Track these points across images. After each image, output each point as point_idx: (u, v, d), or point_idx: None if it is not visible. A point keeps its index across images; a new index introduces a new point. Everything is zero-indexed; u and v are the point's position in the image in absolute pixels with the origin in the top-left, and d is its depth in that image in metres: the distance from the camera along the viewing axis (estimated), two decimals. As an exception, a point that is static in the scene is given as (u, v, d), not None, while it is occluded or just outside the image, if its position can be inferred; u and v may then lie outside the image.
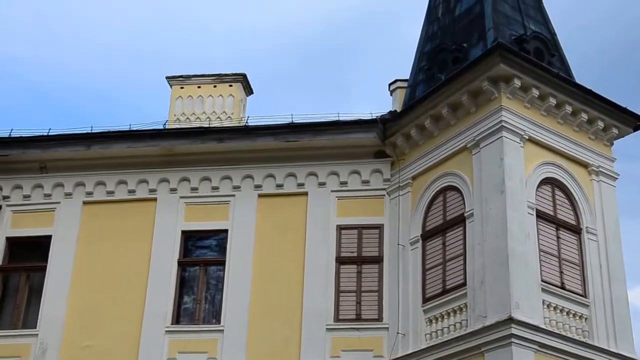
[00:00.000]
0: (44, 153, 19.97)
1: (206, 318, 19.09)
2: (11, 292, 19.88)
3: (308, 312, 18.40)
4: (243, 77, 21.77)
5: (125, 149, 19.81)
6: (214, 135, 19.67)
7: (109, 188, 19.96)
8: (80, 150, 19.88)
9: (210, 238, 19.70)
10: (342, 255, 18.96)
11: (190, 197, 19.75)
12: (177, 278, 19.22)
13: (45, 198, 20.06)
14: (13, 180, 20.17)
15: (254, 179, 19.64)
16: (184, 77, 21.79)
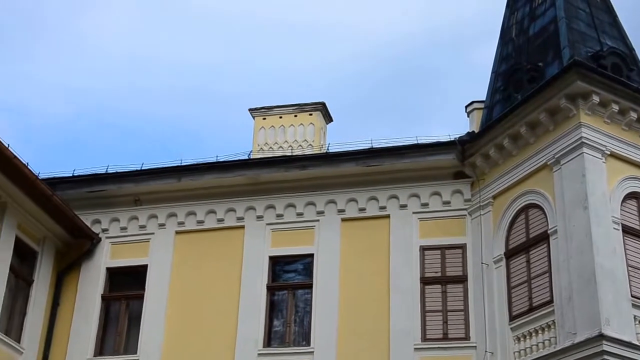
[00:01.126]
0: (138, 187, 19.07)
1: (296, 340, 17.77)
2: (112, 319, 18.94)
3: (395, 332, 16.93)
4: (322, 105, 20.61)
5: (213, 180, 18.77)
6: (296, 163, 18.48)
7: (199, 217, 18.89)
8: (171, 182, 18.93)
9: (296, 262, 18.43)
10: (426, 275, 17.36)
11: (276, 223, 18.52)
12: (267, 302, 18.01)
13: (140, 229, 19.11)
14: (110, 214, 19.28)
15: (337, 204, 18.28)
16: (266, 109, 20.77)
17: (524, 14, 17.76)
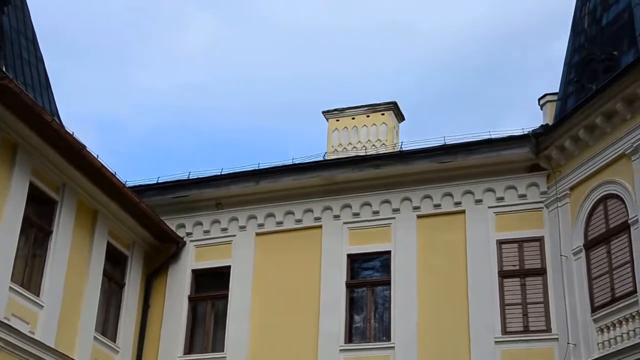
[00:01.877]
0: (219, 191, 18.48)
1: (377, 336, 16.93)
2: (199, 319, 18.42)
3: (475, 326, 15.92)
4: (394, 105, 19.69)
5: (290, 182, 18.06)
6: (371, 162, 17.61)
7: (278, 219, 18.21)
8: (250, 186, 18.29)
9: (374, 260, 17.56)
10: (504, 269, 16.29)
11: (352, 222, 17.69)
12: (346, 299, 17.20)
13: (222, 232, 18.53)
14: (194, 218, 18.75)
15: (412, 201, 17.34)
16: (339, 110, 19.98)
17: (595, 3, 16.49)
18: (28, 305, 14.72)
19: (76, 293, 16.03)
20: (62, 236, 15.79)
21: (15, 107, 14.19)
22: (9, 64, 19.38)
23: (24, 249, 15.00)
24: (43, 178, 15.44)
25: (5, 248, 14.18)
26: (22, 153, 14.82)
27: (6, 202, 14.37)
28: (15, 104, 14.14)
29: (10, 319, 14.11)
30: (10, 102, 14.07)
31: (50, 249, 15.53)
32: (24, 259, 14.99)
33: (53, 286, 15.35)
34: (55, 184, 15.80)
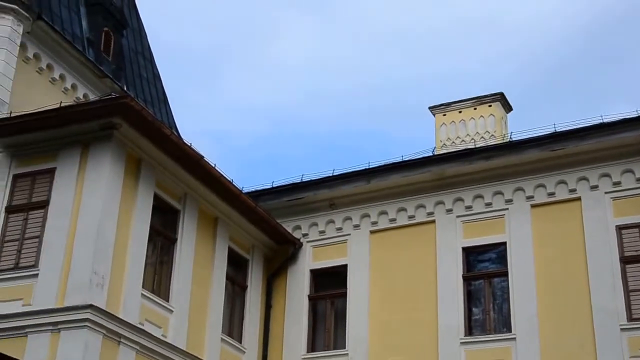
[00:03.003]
0: (332, 192, 18.74)
1: (497, 327, 16.75)
2: (320, 317, 18.72)
3: (599, 313, 15.52)
4: (501, 96, 19.44)
5: (401, 179, 18.12)
6: (480, 154, 17.45)
7: (390, 216, 18.30)
8: (361, 185, 18.47)
9: (490, 252, 17.37)
10: (625, 254, 15.81)
11: (466, 215, 17.57)
12: (464, 292, 17.11)
13: (337, 232, 18.77)
14: (309, 219, 19.06)
15: (525, 191, 17.07)
16: (445, 105, 19.89)
17: None
18: (159, 310, 15.42)
19: (202, 297, 16.66)
20: (186, 243, 16.45)
21: (137, 124, 14.91)
22: (130, 83, 20.37)
23: (152, 257, 15.72)
24: (166, 189, 16.13)
25: (136, 257, 14.92)
26: (145, 166, 15.55)
27: (134, 213, 15.10)
28: (137, 121, 14.86)
29: (144, 324, 14.83)
30: (132, 119, 14.80)
31: (176, 256, 16.20)
32: (152, 267, 15.71)
33: (181, 291, 16.00)
34: (177, 194, 16.47)
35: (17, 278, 14.19)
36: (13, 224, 14.73)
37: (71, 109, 14.86)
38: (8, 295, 14.05)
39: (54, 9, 18.26)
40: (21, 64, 16.52)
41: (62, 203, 14.56)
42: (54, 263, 14.07)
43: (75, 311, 13.56)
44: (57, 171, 14.86)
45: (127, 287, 14.57)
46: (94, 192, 14.46)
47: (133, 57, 21.12)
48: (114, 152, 14.77)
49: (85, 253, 13.98)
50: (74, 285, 13.79)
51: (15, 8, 16.27)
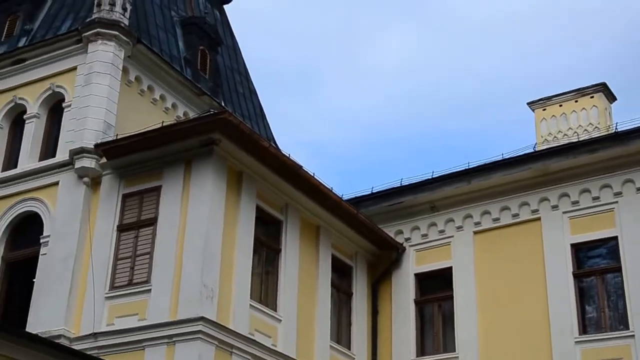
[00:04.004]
0: (432, 194, 18.51)
1: (613, 325, 16.15)
2: (427, 321, 18.51)
3: None
4: (603, 86, 18.75)
5: (502, 177, 17.73)
6: (585, 147, 16.88)
7: (494, 215, 17.92)
8: (462, 185, 18.18)
9: (600, 247, 16.79)
10: None
11: (572, 210, 17.02)
12: (575, 290, 16.55)
13: (440, 234, 18.52)
14: (410, 223, 18.87)
15: (635, 183, 16.42)
16: (544, 99, 19.36)
17: None
18: (268, 320, 15.60)
19: (309, 305, 16.74)
20: (290, 253, 16.59)
21: (236, 138, 15.17)
22: (227, 99, 20.78)
23: (257, 267, 15.93)
24: (267, 200, 16.32)
25: (242, 268, 15.16)
26: (246, 179, 15.79)
27: (238, 226, 15.35)
28: (236, 135, 15.12)
29: (254, 334, 15.04)
30: (231, 134, 15.06)
31: (281, 265, 16.36)
32: (259, 277, 15.92)
33: (287, 300, 16.14)
34: (279, 204, 16.64)
35: (132, 294, 14.65)
36: (125, 241, 15.23)
37: (173, 128, 15.27)
38: (124, 310, 14.52)
39: (151, 32, 18.82)
40: (124, 87, 17.09)
41: (169, 219, 14.95)
42: (165, 278, 14.46)
43: (188, 324, 13.88)
44: (163, 188, 15.28)
45: (235, 299, 14.81)
46: (199, 207, 14.78)
47: (229, 74, 21.52)
48: (216, 167, 15.06)
49: (194, 267, 14.30)
50: (185, 299, 14.13)
51: (116, 34, 16.86)
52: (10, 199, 16.47)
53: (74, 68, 17.07)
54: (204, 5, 22.17)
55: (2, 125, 17.55)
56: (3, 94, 17.74)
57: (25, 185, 16.43)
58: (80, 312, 14.82)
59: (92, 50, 16.82)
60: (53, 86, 17.20)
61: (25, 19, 18.76)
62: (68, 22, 18.06)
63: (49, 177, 16.23)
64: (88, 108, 16.29)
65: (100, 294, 14.77)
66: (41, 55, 17.51)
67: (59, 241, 15.46)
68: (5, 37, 18.79)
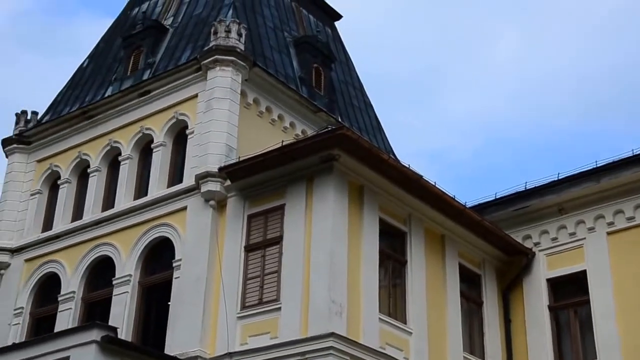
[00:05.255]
0: (559, 196, 17.78)
1: None
2: (563, 327, 17.71)
3: None
4: None
5: (633, 174, 16.82)
6: None
7: (628, 214, 17.03)
8: (591, 185, 17.39)
9: None
10: None
11: None
12: None
13: (570, 237, 17.74)
14: (538, 227, 18.18)
15: None
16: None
17: None
18: (398, 333, 15.35)
19: (439, 316, 16.39)
20: (417, 264, 16.30)
21: (355, 152, 15.07)
22: (343, 113, 20.77)
23: (384, 281, 15.73)
24: (390, 212, 16.11)
25: (369, 283, 15.01)
26: (368, 193, 15.65)
27: (363, 240, 15.23)
28: (355, 149, 15.02)
29: (385, 348, 14.83)
30: (350, 149, 14.98)
31: (408, 277, 16.10)
32: (386, 291, 15.71)
33: (417, 312, 15.85)
34: (402, 216, 16.40)
35: (263, 313, 14.77)
36: (253, 261, 15.39)
37: (293, 147, 15.34)
38: (256, 329, 14.65)
39: (266, 54, 19.07)
40: (243, 110, 17.36)
41: (294, 237, 15.01)
42: (293, 295, 14.50)
43: (319, 340, 13.84)
44: (287, 207, 15.37)
45: (364, 313, 14.66)
46: (323, 223, 14.76)
47: (344, 89, 21.51)
48: (337, 183, 15.01)
49: (321, 283, 14.27)
50: (315, 315, 14.10)
51: (233, 60, 17.17)
52: (143, 225, 17.00)
53: (195, 95, 17.50)
54: (315, 24, 22.31)
55: (131, 156, 18.18)
56: (131, 125, 18.40)
57: (156, 212, 16.93)
58: (214, 332, 15.06)
59: (211, 77, 17.19)
60: (177, 114, 17.69)
61: (148, 52, 19.43)
62: (187, 52, 18.56)
63: (178, 202, 16.65)
64: (210, 133, 16.63)
65: (232, 314, 14.97)
66: (164, 86, 18.06)
67: (190, 264, 15.81)
68: (130, 71, 19.52)
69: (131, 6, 22.26)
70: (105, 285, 17.12)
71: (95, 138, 18.89)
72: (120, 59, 20.21)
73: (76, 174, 19.07)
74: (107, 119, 18.83)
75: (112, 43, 21.22)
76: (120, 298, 16.54)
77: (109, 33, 21.98)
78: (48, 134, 19.78)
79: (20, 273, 18.48)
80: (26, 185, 19.57)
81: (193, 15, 19.89)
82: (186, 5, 20.50)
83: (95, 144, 18.84)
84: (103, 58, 21.04)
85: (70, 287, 17.52)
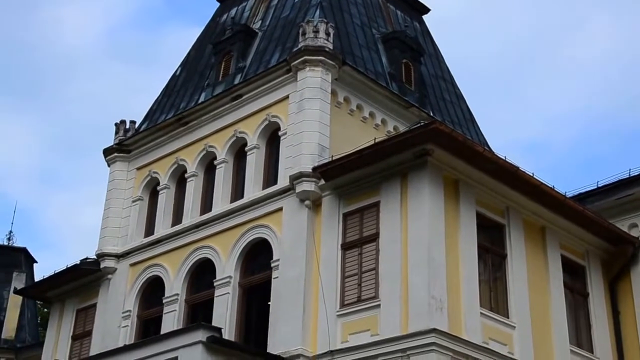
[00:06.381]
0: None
1: None
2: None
3: None
4: None
5: None
6: None
7: None
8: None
9: None
10: None
11: None
12: None
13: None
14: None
15: None
16: None
17: None
18: (501, 327, 15.06)
19: (542, 309, 16.00)
20: (517, 257, 15.96)
21: (449, 146, 14.88)
22: (435, 108, 20.55)
23: (484, 275, 15.46)
24: (487, 205, 15.83)
25: (469, 277, 14.79)
26: (463, 186, 15.42)
27: (460, 234, 15.02)
28: (449, 143, 14.84)
29: (488, 343, 14.57)
30: (443, 143, 14.80)
31: (508, 271, 15.78)
32: (486, 285, 15.44)
33: (519, 306, 15.52)
34: (499, 208, 16.09)
35: (362, 310, 14.77)
36: (350, 259, 15.41)
37: (386, 143, 15.28)
38: (356, 327, 14.66)
39: (355, 52, 19.06)
40: (334, 109, 17.40)
41: (390, 234, 14.94)
42: (392, 292, 14.43)
43: (421, 336, 13.74)
44: (382, 204, 15.32)
45: (465, 308, 14.47)
46: (419, 219, 14.65)
47: (434, 83, 21.27)
48: (431, 178, 14.86)
49: (420, 279, 14.16)
50: (415, 312, 14.00)
51: (322, 59, 17.24)
52: (240, 227, 17.29)
53: (286, 97, 17.66)
54: (403, 19, 22.16)
55: (226, 159, 18.51)
56: (225, 129, 18.74)
57: (252, 213, 17.18)
58: (314, 331, 15.16)
59: (301, 77, 17.32)
60: (269, 117, 17.90)
61: (239, 57, 19.74)
62: (277, 55, 18.76)
63: (273, 203, 16.85)
64: (302, 134, 16.75)
65: (332, 312, 15.03)
66: (256, 89, 18.31)
67: (289, 264, 15.97)
68: (222, 76, 19.88)
69: (220, 13, 22.69)
70: (206, 287, 17.50)
71: (191, 144, 19.33)
72: (212, 65, 20.61)
73: (174, 179, 19.57)
74: (201, 124, 19.24)
75: (203, 50, 21.67)
76: (222, 299, 16.87)
77: (199, 41, 22.47)
78: (146, 141, 20.38)
79: (126, 277, 19.12)
80: (128, 192, 20.22)
81: (281, 17, 20.09)
82: (274, 9, 20.72)
83: (191, 150, 19.28)
84: (195, 65, 21.52)
85: (173, 289, 17.99)
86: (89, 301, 20.01)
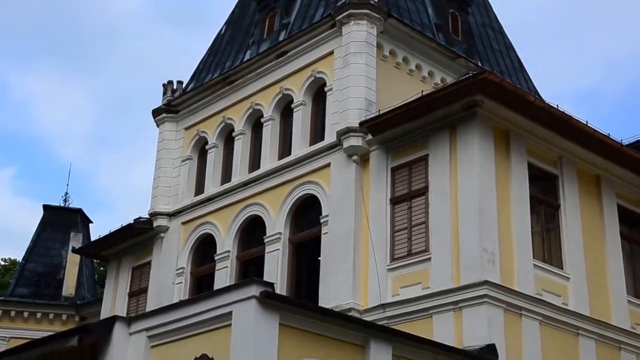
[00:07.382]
0: None
1: None
2: None
3: None
4: None
5: None
6: None
7: None
8: None
9: None
10: None
11: None
12: None
13: None
14: None
15: None
16: None
17: None
18: (555, 279, 14.87)
19: (597, 260, 15.73)
20: (570, 207, 15.67)
21: (498, 97, 14.57)
22: (483, 58, 20.10)
23: (536, 226, 15.23)
24: (539, 156, 15.53)
25: (521, 229, 14.57)
26: (514, 137, 15.12)
27: (511, 186, 14.78)
28: (498, 94, 14.52)
29: (542, 294, 14.40)
30: (493, 93, 14.49)
31: (562, 222, 15.53)
32: (539, 236, 15.22)
33: (573, 257, 15.28)
34: (552, 158, 15.78)
35: (413, 264, 14.70)
36: (399, 214, 15.32)
37: (434, 96, 15.03)
38: (406, 281, 14.62)
39: (400, 3, 18.69)
40: (380, 63, 17.15)
41: (440, 187, 14.78)
42: (443, 245, 14.32)
43: (472, 289, 13.63)
44: (430, 157, 15.13)
45: (518, 260, 14.29)
46: (469, 172, 14.44)
47: (482, 32, 20.79)
48: (481, 129, 14.60)
49: (471, 232, 14.00)
50: (467, 264, 13.88)
51: (367, 12, 16.96)
52: (289, 184, 17.31)
53: (331, 52, 17.47)
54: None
55: (273, 117, 18.48)
56: (271, 87, 18.67)
57: (300, 170, 17.17)
58: (365, 285, 15.17)
59: (346, 32, 17.09)
60: (314, 73, 17.75)
61: (283, 14, 19.55)
62: (321, 10, 18.51)
63: (321, 159, 16.79)
64: (349, 89, 16.58)
65: (382, 266, 15.01)
66: (300, 45, 18.15)
67: (338, 219, 15.95)
68: (267, 33, 19.75)
69: (263, -30, 22.45)
70: (257, 244, 17.64)
71: (238, 102, 19.33)
72: (256, 22, 20.48)
73: (222, 138, 19.65)
74: (247, 82, 19.21)
75: (247, 8, 21.53)
76: (272, 255, 16.99)
77: (243, -1, 22.31)
78: (193, 101, 20.46)
79: (179, 235, 19.39)
80: (177, 152, 20.40)
81: (324, -29, 19.77)
82: (317, -37, 20.41)
83: (238, 108, 19.29)
84: (239, 23, 21.41)
85: (225, 246, 18.19)
86: (144, 259, 20.41)
